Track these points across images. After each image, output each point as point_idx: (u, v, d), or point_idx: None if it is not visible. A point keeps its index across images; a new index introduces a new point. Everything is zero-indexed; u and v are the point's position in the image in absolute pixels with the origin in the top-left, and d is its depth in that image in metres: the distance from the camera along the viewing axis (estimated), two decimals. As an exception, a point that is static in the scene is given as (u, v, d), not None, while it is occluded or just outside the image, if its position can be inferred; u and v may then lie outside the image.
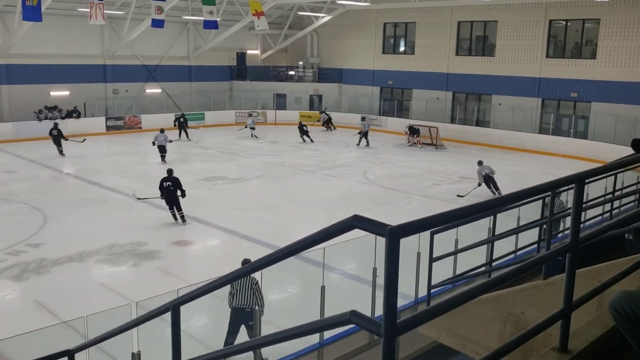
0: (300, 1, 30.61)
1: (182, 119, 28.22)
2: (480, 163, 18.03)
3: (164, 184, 14.46)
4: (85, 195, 17.25)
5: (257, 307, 7.59)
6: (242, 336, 7.64)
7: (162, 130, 22.74)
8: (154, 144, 22.20)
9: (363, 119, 28.68)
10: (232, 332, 7.75)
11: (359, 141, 27.07)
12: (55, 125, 23.79)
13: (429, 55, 31.97)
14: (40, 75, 28.53)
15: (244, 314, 7.67)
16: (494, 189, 17.51)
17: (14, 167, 20.98)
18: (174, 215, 14.45)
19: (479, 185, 17.65)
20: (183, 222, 14.41)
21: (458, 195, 17.48)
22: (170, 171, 14.85)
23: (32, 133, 26.59)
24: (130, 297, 8.78)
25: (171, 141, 23.18)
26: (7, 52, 27.13)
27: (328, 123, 32.67)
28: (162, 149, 22.07)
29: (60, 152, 23.33)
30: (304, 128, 27.93)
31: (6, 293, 10.35)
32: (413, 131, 28.08)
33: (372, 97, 34.61)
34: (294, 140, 28.25)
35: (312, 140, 27.68)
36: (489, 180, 17.61)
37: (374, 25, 34.23)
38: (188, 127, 28.02)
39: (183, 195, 14.56)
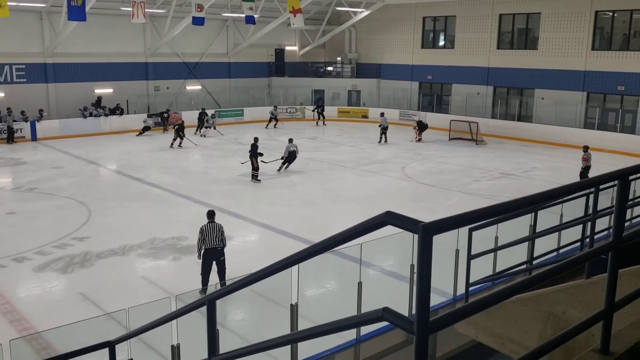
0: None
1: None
2: (290, 140, 20.43)
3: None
4: (128, 191, 17.65)
5: (222, 246, 9.82)
6: (278, 331, 7.69)
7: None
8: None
9: (382, 114, 27.91)
10: (207, 270, 9.75)
11: (380, 138, 26.53)
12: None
13: (469, 49, 31.45)
14: (85, 74, 29.30)
15: (215, 253, 9.76)
16: (287, 166, 20.02)
17: (60, 163, 21.62)
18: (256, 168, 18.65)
19: (282, 158, 19.98)
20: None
21: (262, 162, 19.32)
22: (255, 138, 19.08)
23: (77, 130, 27.40)
24: (171, 290, 8.96)
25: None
26: (54, 51, 27.98)
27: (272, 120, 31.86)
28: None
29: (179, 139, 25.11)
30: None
31: (53, 285, 10.69)
32: (422, 127, 27.42)
33: (411, 92, 34.26)
34: (332, 136, 28.17)
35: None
36: (292, 157, 20.03)
37: (413, 19, 33.88)
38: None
39: (261, 154, 18.67)
